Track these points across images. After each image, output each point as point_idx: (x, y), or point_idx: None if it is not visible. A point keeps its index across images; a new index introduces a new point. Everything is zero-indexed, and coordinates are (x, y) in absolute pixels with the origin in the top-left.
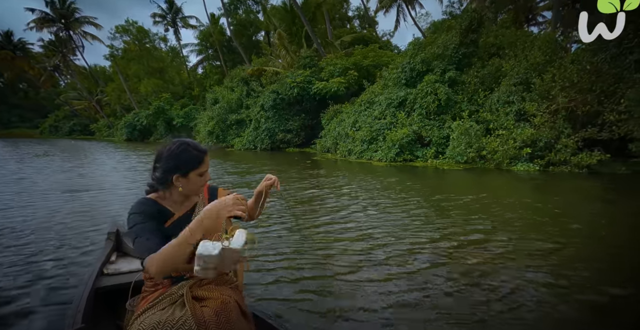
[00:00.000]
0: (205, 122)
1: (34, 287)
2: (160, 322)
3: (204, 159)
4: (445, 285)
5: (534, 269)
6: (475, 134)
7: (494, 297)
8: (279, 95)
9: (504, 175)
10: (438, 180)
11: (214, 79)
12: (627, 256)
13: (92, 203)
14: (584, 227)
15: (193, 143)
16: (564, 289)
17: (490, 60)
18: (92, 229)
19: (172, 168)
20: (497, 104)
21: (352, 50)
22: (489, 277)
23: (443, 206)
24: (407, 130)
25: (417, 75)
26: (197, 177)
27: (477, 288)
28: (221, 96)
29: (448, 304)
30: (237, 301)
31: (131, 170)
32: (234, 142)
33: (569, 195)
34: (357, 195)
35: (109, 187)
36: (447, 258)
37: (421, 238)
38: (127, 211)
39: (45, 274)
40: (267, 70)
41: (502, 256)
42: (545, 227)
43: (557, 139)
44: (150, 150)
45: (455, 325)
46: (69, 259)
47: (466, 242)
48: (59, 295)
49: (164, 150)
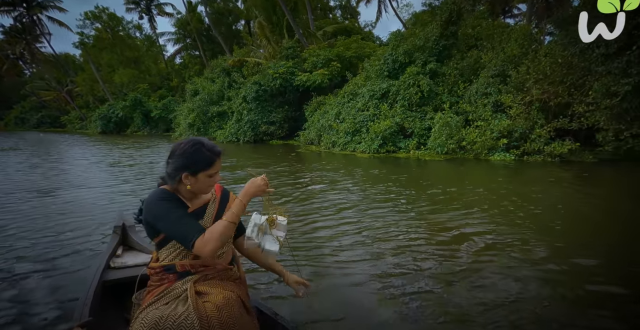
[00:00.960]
0: (186, 114)
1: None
2: (162, 317)
3: (216, 162)
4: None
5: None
6: (455, 125)
7: (478, 285)
8: (262, 87)
9: (482, 165)
10: (420, 170)
11: (194, 70)
12: (600, 238)
13: (78, 203)
14: (550, 213)
15: (209, 144)
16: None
17: (469, 52)
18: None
19: (182, 166)
20: (475, 95)
21: (334, 41)
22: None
23: (427, 196)
24: (390, 121)
25: (399, 67)
26: (206, 177)
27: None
28: (201, 87)
29: (432, 288)
30: (240, 296)
31: (118, 166)
32: (216, 134)
33: (542, 182)
34: (344, 187)
35: (95, 184)
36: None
37: (409, 230)
38: (146, 199)
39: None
40: (249, 61)
41: (489, 247)
42: (517, 212)
43: (532, 130)
44: (130, 142)
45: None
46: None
47: (450, 230)
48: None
49: (178, 147)
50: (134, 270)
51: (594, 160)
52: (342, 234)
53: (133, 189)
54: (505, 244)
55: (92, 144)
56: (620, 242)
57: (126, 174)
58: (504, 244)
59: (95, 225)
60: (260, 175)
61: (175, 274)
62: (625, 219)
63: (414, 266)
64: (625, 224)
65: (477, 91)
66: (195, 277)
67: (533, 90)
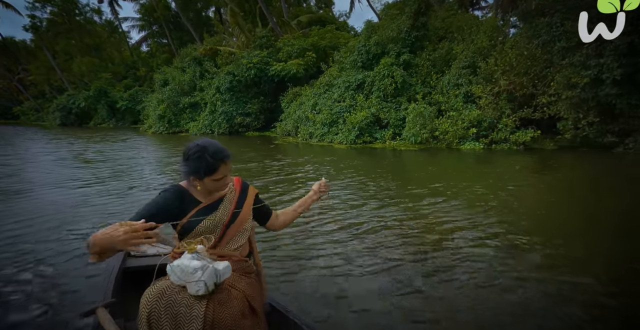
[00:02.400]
0: (155, 105)
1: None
2: (169, 286)
3: (219, 168)
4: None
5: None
6: (428, 115)
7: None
8: (236, 77)
9: (454, 154)
10: (396, 160)
11: (162, 59)
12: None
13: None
14: (517, 198)
15: (213, 149)
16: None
17: (440, 44)
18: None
19: (188, 171)
20: (447, 86)
21: (309, 30)
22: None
23: (402, 183)
24: (366, 112)
25: (373, 58)
26: (211, 182)
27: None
28: (171, 77)
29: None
30: (248, 296)
31: (95, 163)
32: (189, 126)
33: (509, 168)
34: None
35: (63, 184)
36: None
37: (385, 215)
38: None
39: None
40: (222, 50)
41: (459, 228)
42: (487, 196)
43: (499, 119)
44: (98, 136)
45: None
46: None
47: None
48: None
49: (187, 150)
50: (153, 259)
51: (554, 148)
52: (333, 222)
53: (108, 189)
54: (473, 228)
55: (55, 138)
56: (580, 221)
57: (102, 172)
58: (472, 228)
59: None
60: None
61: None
62: (583, 201)
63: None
64: (586, 206)
65: (449, 82)
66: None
67: (501, 81)
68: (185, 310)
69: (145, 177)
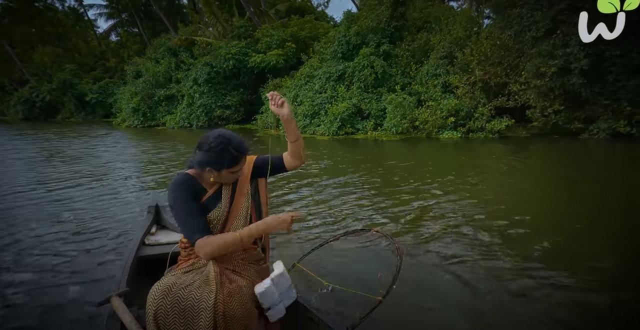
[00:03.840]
0: (128, 98)
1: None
2: (175, 283)
3: (241, 161)
4: None
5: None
6: (408, 105)
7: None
8: (214, 68)
9: (434, 143)
10: (378, 151)
11: (133, 49)
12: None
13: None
14: (491, 185)
15: (236, 142)
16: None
17: (418, 34)
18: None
19: (207, 162)
20: (426, 76)
21: (287, 20)
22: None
23: (384, 173)
24: (347, 103)
25: (354, 48)
26: (229, 173)
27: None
28: (145, 69)
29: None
30: (256, 284)
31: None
32: (165, 119)
33: (485, 155)
34: (309, 170)
35: (31, 188)
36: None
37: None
38: (169, 186)
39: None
40: (198, 41)
41: (442, 215)
42: (468, 178)
43: (475, 108)
44: (68, 131)
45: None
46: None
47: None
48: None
49: (205, 142)
50: (166, 247)
51: (526, 135)
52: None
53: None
54: (457, 212)
55: (20, 134)
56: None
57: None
58: (455, 212)
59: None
60: (300, 214)
61: None
62: (555, 185)
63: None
64: (557, 188)
65: (427, 72)
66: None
67: (476, 71)
68: (192, 304)
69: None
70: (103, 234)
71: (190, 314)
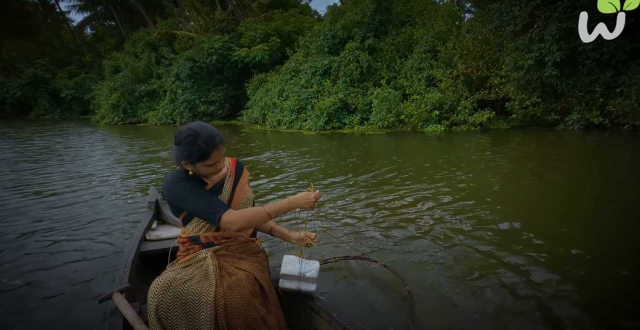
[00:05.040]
0: (107, 94)
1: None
2: (175, 279)
3: (211, 154)
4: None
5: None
6: (394, 100)
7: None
8: (196, 63)
9: (419, 136)
10: (366, 145)
11: (110, 43)
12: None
13: None
14: (471, 172)
15: (205, 134)
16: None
17: (402, 28)
18: None
19: (178, 156)
20: (411, 70)
21: (271, 14)
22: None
23: (370, 168)
24: (333, 98)
25: (339, 43)
26: (204, 167)
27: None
28: (124, 63)
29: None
30: (256, 275)
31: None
32: (147, 116)
33: (467, 147)
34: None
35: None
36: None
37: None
38: (165, 180)
39: None
40: (179, 35)
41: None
42: (453, 178)
43: (458, 102)
44: (43, 128)
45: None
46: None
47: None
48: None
49: (177, 135)
50: (167, 242)
51: (507, 127)
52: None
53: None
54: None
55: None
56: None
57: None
58: (439, 200)
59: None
60: (315, 191)
61: (200, 244)
62: (534, 174)
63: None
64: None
65: (412, 66)
66: (217, 247)
67: (459, 64)
68: (193, 298)
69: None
70: (100, 231)
71: (191, 308)
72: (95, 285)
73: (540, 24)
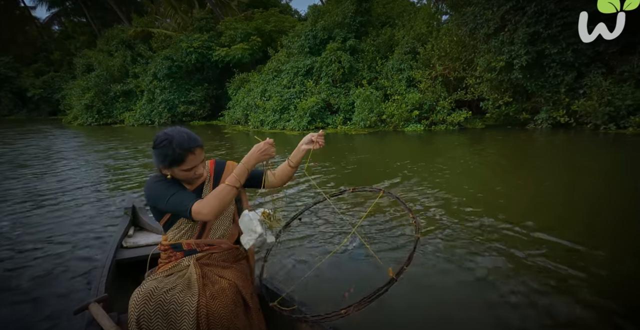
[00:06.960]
0: (80, 93)
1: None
2: (157, 287)
3: (186, 159)
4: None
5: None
6: (375, 100)
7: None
8: (175, 62)
9: (400, 136)
10: (349, 144)
11: (81, 41)
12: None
13: None
14: (454, 166)
15: (179, 139)
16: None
17: (383, 29)
18: None
19: (155, 161)
20: (391, 71)
21: (251, 13)
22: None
23: (358, 166)
24: (316, 98)
25: (321, 43)
26: (181, 172)
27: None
28: (97, 62)
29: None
30: (238, 285)
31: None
32: (124, 116)
33: (449, 145)
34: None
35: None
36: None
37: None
38: (144, 185)
39: None
40: (156, 33)
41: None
42: (437, 175)
43: (437, 102)
44: (16, 131)
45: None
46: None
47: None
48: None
49: (154, 139)
50: (146, 249)
51: (482, 126)
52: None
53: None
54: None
55: None
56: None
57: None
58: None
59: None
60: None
61: (182, 251)
62: (511, 169)
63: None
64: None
65: (392, 67)
66: (197, 255)
67: (437, 66)
68: (175, 307)
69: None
70: (75, 239)
71: (173, 318)
72: (71, 296)
73: (510, 27)
